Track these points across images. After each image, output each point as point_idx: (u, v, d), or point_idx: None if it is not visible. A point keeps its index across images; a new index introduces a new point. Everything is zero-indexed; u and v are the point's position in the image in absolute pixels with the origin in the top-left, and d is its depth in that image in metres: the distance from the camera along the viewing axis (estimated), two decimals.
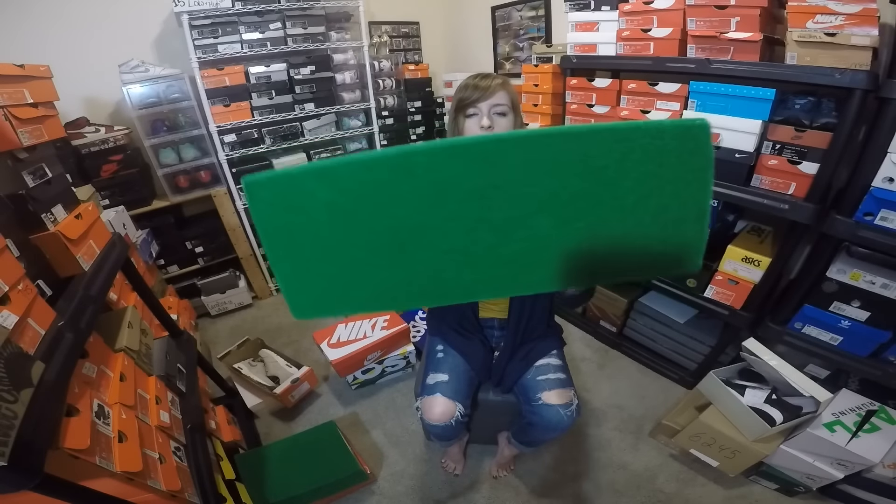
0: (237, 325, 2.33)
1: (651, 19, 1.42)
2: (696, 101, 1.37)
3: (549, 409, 1.01)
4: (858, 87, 1.04)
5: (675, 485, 1.35)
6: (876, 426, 1.15)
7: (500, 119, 0.93)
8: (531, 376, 1.08)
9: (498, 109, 0.91)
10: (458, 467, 1.42)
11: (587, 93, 1.67)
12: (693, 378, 1.65)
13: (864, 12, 1.03)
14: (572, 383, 1.08)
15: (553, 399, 1.01)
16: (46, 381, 0.61)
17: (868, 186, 1.06)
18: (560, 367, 1.10)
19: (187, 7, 1.85)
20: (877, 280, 1.12)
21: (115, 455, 0.72)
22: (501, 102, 0.91)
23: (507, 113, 0.92)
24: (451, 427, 1.05)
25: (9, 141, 0.80)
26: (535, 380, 1.07)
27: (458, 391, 1.07)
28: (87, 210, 1.01)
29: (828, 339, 1.27)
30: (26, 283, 0.68)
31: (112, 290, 1.25)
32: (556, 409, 1.01)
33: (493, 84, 0.91)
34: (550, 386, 1.04)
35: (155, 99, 1.96)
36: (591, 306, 2.02)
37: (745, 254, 1.38)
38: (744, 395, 1.24)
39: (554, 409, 1.01)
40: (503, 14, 2.50)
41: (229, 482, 1.16)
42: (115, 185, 1.95)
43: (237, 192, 2.26)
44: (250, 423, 1.63)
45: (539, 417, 1.03)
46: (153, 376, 1.04)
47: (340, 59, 2.36)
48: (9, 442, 0.50)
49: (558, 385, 1.04)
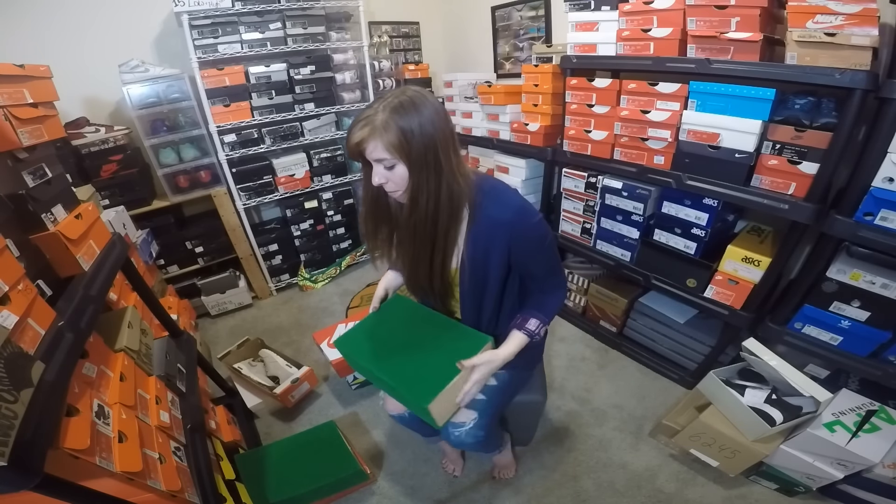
0: (237, 325, 2.33)
1: (651, 19, 1.42)
2: (696, 101, 1.37)
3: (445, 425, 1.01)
4: (858, 87, 1.04)
5: (675, 485, 1.35)
6: (876, 426, 1.15)
7: (392, 172, 0.82)
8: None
9: (384, 164, 0.81)
10: (457, 468, 1.42)
11: (587, 93, 1.67)
12: (693, 378, 1.65)
13: (864, 12, 1.03)
14: (489, 408, 1.02)
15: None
16: (46, 381, 0.61)
17: (868, 186, 1.06)
18: (487, 388, 1.03)
19: (187, 7, 1.85)
20: (877, 280, 1.12)
21: (115, 455, 0.72)
22: (383, 157, 0.79)
23: (395, 165, 0.81)
24: (405, 418, 1.13)
25: (9, 141, 0.80)
26: None
27: None
28: (87, 210, 1.01)
29: (828, 338, 1.27)
30: (26, 283, 0.68)
31: (112, 290, 1.25)
32: (448, 425, 1.00)
33: (357, 136, 0.78)
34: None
35: (155, 99, 1.96)
36: (591, 306, 2.02)
37: (745, 254, 1.38)
38: (744, 395, 1.24)
39: (447, 423, 1.00)
40: (503, 14, 2.50)
41: (229, 482, 1.16)
42: (115, 185, 1.95)
43: (237, 192, 2.26)
44: (250, 423, 1.63)
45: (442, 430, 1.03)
46: (153, 376, 1.04)
47: (340, 59, 2.36)
48: (9, 442, 0.50)
49: (468, 404, 0.99)
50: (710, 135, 1.35)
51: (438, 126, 0.80)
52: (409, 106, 0.77)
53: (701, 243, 1.51)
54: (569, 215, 1.96)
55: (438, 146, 0.80)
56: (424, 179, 0.82)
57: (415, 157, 0.79)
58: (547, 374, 1.56)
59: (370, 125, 0.77)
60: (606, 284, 1.95)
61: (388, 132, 0.77)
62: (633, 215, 1.68)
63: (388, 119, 0.77)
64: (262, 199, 2.35)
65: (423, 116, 0.78)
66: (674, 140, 1.46)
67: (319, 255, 2.68)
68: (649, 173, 1.55)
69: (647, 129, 1.51)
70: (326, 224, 2.63)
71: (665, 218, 1.59)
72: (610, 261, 1.83)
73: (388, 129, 0.77)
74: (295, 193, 2.45)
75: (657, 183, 1.56)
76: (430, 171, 0.82)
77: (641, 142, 1.54)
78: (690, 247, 1.54)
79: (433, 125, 0.79)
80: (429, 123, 0.78)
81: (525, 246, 0.90)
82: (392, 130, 0.77)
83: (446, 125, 0.83)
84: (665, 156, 1.50)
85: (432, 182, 0.83)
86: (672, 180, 1.48)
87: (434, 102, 0.81)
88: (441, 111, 0.82)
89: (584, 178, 1.81)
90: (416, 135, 0.78)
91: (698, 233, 1.51)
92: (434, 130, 0.79)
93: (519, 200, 0.89)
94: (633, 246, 1.73)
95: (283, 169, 2.35)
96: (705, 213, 1.46)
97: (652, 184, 1.59)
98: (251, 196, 2.31)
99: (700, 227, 1.50)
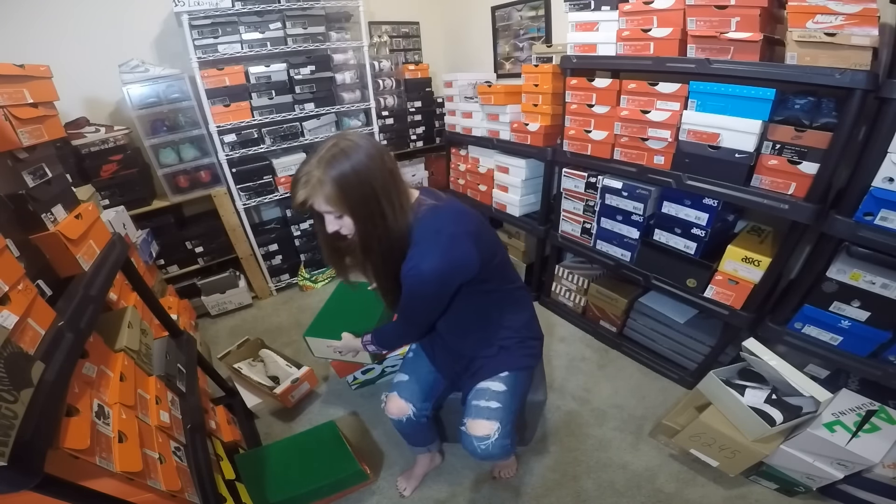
0: (237, 325, 2.33)
1: (651, 19, 1.42)
2: (696, 101, 1.37)
3: (466, 438, 1.02)
4: (858, 87, 1.04)
5: (675, 485, 1.35)
6: (876, 426, 1.15)
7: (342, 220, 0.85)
8: (471, 397, 1.07)
9: (332, 216, 0.84)
10: (409, 489, 1.37)
11: (587, 93, 1.67)
12: (693, 378, 1.65)
13: (864, 12, 1.02)
14: (508, 414, 1.03)
15: (473, 429, 1.01)
16: (46, 381, 0.61)
17: (868, 186, 1.06)
18: (499, 395, 1.04)
19: (187, 7, 1.85)
20: (877, 280, 1.12)
21: (115, 455, 0.72)
22: (329, 210, 0.82)
23: (342, 216, 0.83)
24: (402, 423, 1.15)
25: (9, 141, 0.80)
26: (470, 403, 1.06)
27: (414, 392, 1.14)
28: (87, 210, 1.01)
29: (828, 338, 1.27)
30: (26, 283, 0.68)
31: (112, 290, 1.25)
32: (471, 440, 1.00)
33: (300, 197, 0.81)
34: (476, 414, 1.02)
35: (155, 99, 1.96)
36: (591, 306, 2.02)
37: (745, 254, 1.38)
38: (744, 395, 1.24)
39: (469, 439, 1.01)
40: (503, 14, 2.50)
41: (229, 482, 1.16)
42: (115, 185, 1.95)
43: (237, 192, 2.26)
44: (250, 423, 1.63)
45: (462, 441, 1.04)
46: (153, 376, 1.04)
47: (340, 59, 2.36)
48: (9, 442, 0.50)
49: (485, 414, 1.01)
50: (710, 135, 1.35)
51: (374, 171, 0.81)
52: (341, 157, 0.79)
53: (701, 243, 1.51)
54: (569, 215, 1.96)
55: (378, 192, 0.82)
56: (371, 226, 0.85)
57: (356, 207, 0.82)
58: (547, 374, 1.56)
59: (309, 183, 0.80)
60: (606, 284, 1.95)
61: (324, 187, 0.79)
62: (633, 215, 1.68)
63: (323, 175, 0.79)
64: (262, 199, 2.35)
65: (357, 165, 0.79)
66: (674, 140, 1.46)
67: (319, 255, 2.67)
68: (649, 173, 1.55)
69: (647, 129, 1.51)
70: None
71: (665, 218, 1.59)
72: (610, 261, 1.83)
73: (325, 184, 0.79)
74: None
75: (657, 183, 1.56)
76: (374, 217, 0.85)
77: (641, 142, 1.54)
78: (690, 247, 1.54)
79: (368, 171, 0.80)
80: (364, 170, 0.80)
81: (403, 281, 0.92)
82: (328, 184, 0.79)
83: (382, 166, 0.83)
84: (665, 156, 1.50)
85: (379, 226, 0.86)
86: (672, 180, 1.48)
87: (367, 147, 0.82)
88: (375, 154, 0.82)
89: (584, 178, 1.81)
90: (352, 184, 0.80)
91: (698, 233, 1.51)
92: (370, 177, 0.81)
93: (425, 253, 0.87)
94: (633, 246, 1.73)
95: (283, 169, 2.35)
96: (705, 213, 1.46)
97: (652, 184, 1.59)
98: (251, 196, 2.31)
99: (700, 227, 1.50)
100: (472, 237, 0.91)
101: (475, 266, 0.91)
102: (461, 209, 0.97)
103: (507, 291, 1.08)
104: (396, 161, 0.90)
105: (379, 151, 0.84)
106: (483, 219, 1.02)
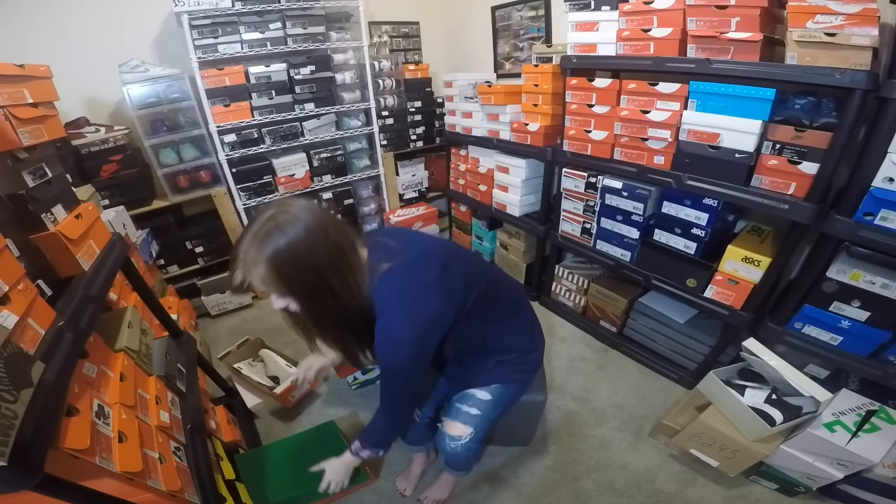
0: (237, 325, 2.33)
1: (651, 19, 1.42)
2: (696, 101, 1.37)
3: (441, 434, 1.06)
4: (858, 87, 1.04)
5: (675, 485, 1.35)
6: (876, 426, 1.15)
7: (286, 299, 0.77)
8: (455, 399, 1.08)
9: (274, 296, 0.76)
10: (409, 488, 1.38)
11: (587, 93, 1.67)
12: (693, 378, 1.65)
13: (864, 12, 1.02)
14: (484, 422, 1.03)
15: (449, 428, 1.04)
16: (46, 381, 0.61)
17: (868, 186, 1.06)
18: (481, 403, 1.04)
19: (187, 7, 1.85)
20: (877, 280, 1.12)
21: (115, 455, 0.72)
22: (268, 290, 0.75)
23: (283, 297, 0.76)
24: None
25: (9, 141, 0.80)
26: (453, 403, 1.08)
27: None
28: (87, 210, 1.01)
29: (828, 338, 1.27)
30: (26, 283, 0.68)
31: (112, 290, 1.25)
32: (444, 437, 1.04)
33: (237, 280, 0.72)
34: (455, 415, 1.05)
35: (155, 99, 1.96)
36: (591, 306, 2.02)
37: (745, 254, 1.38)
38: (744, 395, 1.24)
39: (443, 436, 1.05)
40: (503, 14, 2.50)
41: (229, 482, 1.16)
42: (115, 185, 1.95)
43: (237, 192, 2.26)
44: (250, 423, 1.63)
45: (436, 436, 1.07)
46: (153, 376, 1.04)
47: (340, 59, 2.36)
48: (9, 442, 0.50)
49: (463, 419, 1.03)
50: (710, 135, 1.35)
51: (315, 246, 0.72)
52: (276, 232, 0.70)
53: (701, 243, 1.51)
54: (569, 215, 1.96)
55: (322, 269, 0.73)
56: (318, 304, 0.77)
57: (296, 287, 0.74)
58: (547, 374, 1.56)
59: (243, 265, 0.71)
60: (606, 284, 1.95)
61: (258, 268, 0.70)
62: (633, 215, 1.68)
63: (256, 255, 0.69)
64: (262, 198, 2.35)
65: (294, 241, 0.70)
66: (674, 140, 1.46)
67: None
68: (649, 173, 1.55)
69: (647, 129, 1.51)
70: None
71: (665, 218, 1.59)
72: (610, 261, 1.83)
73: (258, 265, 0.70)
74: (295, 193, 2.45)
75: (657, 183, 1.56)
76: (321, 296, 0.76)
77: (641, 142, 1.54)
78: (690, 247, 1.54)
79: (308, 248, 0.71)
80: (302, 247, 0.71)
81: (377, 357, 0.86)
82: (261, 265, 0.70)
83: (326, 240, 0.73)
84: (665, 156, 1.50)
85: (329, 304, 0.77)
86: (672, 180, 1.48)
87: (308, 219, 0.72)
88: (316, 228, 0.72)
89: (584, 178, 1.81)
90: (289, 263, 0.70)
91: (698, 233, 1.51)
92: (311, 254, 0.72)
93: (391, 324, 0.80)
94: (633, 246, 1.73)
95: (283, 169, 2.35)
96: (705, 213, 1.46)
97: (652, 184, 1.59)
98: (251, 196, 2.31)
99: (700, 227, 1.50)
100: (437, 286, 0.82)
101: (450, 315, 0.85)
102: (418, 255, 0.86)
103: (500, 312, 1.02)
104: (348, 230, 0.81)
105: (321, 224, 0.74)
106: (447, 250, 0.92)
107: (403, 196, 2.95)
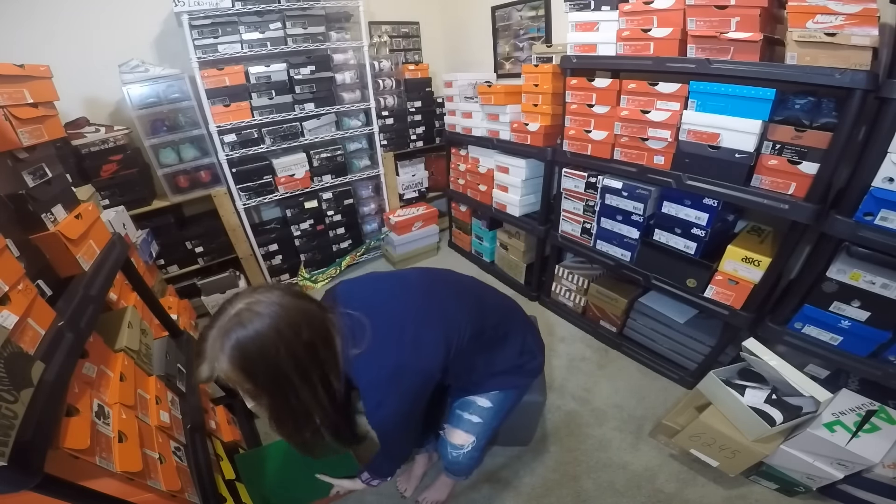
0: None
1: (651, 19, 1.42)
2: (696, 101, 1.37)
3: (442, 441, 1.06)
4: (858, 87, 1.04)
5: (675, 485, 1.35)
6: (876, 426, 1.15)
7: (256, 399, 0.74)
8: (456, 405, 1.07)
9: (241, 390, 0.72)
10: (409, 489, 1.39)
11: (587, 93, 1.67)
12: (693, 378, 1.65)
13: (864, 12, 1.02)
14: (486, 430, 1.03)
15: (451, 436, 1.04)
16: (46, 381, 0.61)
17: (868, 186, 1.06)
18: (483, 411, 1.03)
19: (187, 7, 1.85)
20: (877, 280, 1.12)
21: (115, 455, 0.72)
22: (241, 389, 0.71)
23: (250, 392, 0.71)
24: None
25: (9, 141, 0.80)
26: (454, 410, 1.07)
27: None
28: (87, 210, 1.01)
29: (828, 338, 1.27)
30: (26, 283, 0.68)
31: (112, 290, 1.25)
32: (446, 445, 1.04)
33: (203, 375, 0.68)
34: (457, 423, 1.04)
35: (155, 99, 1.96)
36: (591, 306, 2.02)
37: (745, 254, 1.38)
38: (744, 395, 1.24)
39: (444, 443, 1.05)
40: (503, 14, 2.50)
41: (229, 482, 1.16)
42: (115, 185, 1.95)
43: (237, 192, 2.26)
44: (250, 423, 1.63)
45: (438, 443, 1.07)
46: (153, 376, 1.04)
47: (340, 59, 2.36)
48: (9, 442, 0.50)
49: (465, 427, 1.03)
50: (710, 135, 1.35)
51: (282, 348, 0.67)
52: (239, 329, 0.66)
53: (701, 243, 1.51)
54: (569, 215, 1.96)
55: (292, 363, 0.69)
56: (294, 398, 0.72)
57: (264, 383, 0.69)
58: (547, 374, 1.56)
59: (207, 359, 0.67)
60: (606, 284, 1.95)
61: (220, 363, 0.66)
62: (633, 215, 1.68)
63: (219, 351, 0.66)
64: (262, 199, 2.35)
65: (258, 335, 0.66)
66: (674, 140, 1.46)
67: (319, 255, 2.68)
68: (649, 173, 1.55)
69: (647, 129, 1.51)
70: (326, 224, 2.63)
71: (665, 218, 1.59)
72: (610, 261, 1.83)
73: (221, 361, 0.66)
74: (295, 193, 2.45)
75: (657, 183, 1.56)
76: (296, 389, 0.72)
77: (641, 142, 1.54)
78: (690, 247, 1.54)
79: (275, 348, 0.67)
80: (270, 347, 0.67)
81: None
82: (224, 362, 0.66)
83: (296, 340, 0.69)
84: (665, 156, 1.50)
85: (306, 397, 0.73)
86: (672, 180, 1.48)
87: (276, 318, 0.67)
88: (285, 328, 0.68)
89: (584, 178, 1.81)
90: (253, 359, 0.66)
91: (698, 233, 1.51)
92: (277, 348, 0.67)
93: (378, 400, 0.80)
94: (633, 246, 1.73)
95: (283, 169, 2.35)
96: (705, 213, 1.46)
97: (652, 184, 1.59)
98: (251, 196, 2.31)
99: (700, 227, 1.50)
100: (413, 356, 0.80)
101: (438, 368, 0.84)
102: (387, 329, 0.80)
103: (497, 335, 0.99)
104: (326, 319, 0.76)
105: (292, 324, 0.69)
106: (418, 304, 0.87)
107: (403, 196, 2.95)
